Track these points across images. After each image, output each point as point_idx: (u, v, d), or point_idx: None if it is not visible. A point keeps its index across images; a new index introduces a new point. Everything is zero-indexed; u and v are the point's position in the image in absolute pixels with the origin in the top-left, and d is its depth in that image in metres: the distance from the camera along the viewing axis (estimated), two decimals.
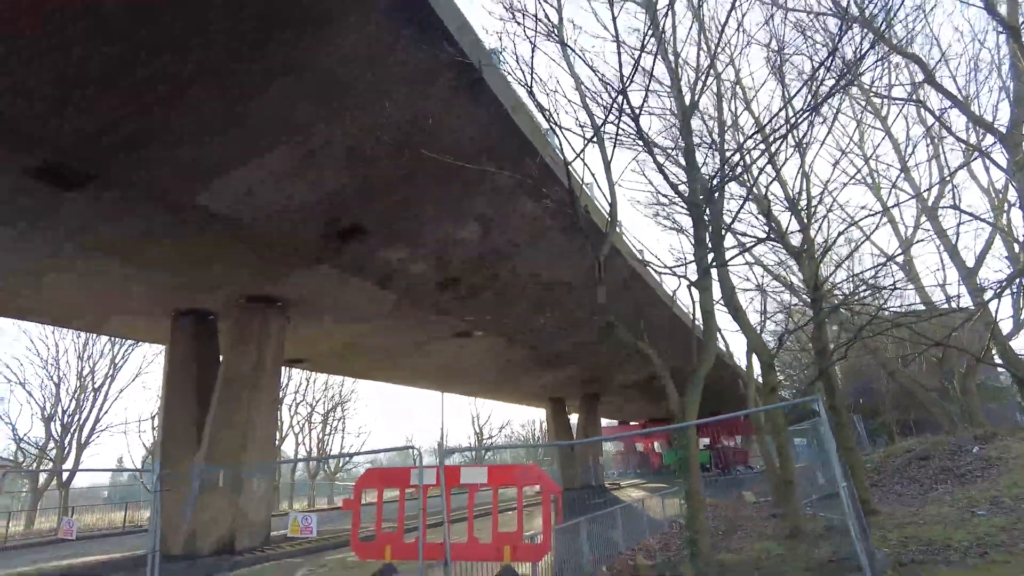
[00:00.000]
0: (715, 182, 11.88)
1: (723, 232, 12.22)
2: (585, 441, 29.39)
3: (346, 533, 18.04)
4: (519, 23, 9.98)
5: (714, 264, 11.17)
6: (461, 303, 18.33)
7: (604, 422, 50.29)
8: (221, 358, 17.13)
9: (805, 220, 15.03)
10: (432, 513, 6.12)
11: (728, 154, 13.53)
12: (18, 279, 14.07)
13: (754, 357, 20.52)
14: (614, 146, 11.83)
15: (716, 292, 12.85)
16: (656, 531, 14.61)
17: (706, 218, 11.58)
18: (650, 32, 10.76)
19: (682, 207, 14.86)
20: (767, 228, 15.84)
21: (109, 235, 12.25)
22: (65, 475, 29.80)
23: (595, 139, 11.08)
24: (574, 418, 42.02)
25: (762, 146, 12.49)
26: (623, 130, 11.44)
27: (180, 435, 16.35)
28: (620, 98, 10.10)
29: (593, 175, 11.70)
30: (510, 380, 32.64)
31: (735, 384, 23.45)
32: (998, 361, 19.33)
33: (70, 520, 7.73)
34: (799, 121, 11.32)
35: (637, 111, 10.57)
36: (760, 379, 20.28)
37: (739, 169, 13.35)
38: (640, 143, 11.35)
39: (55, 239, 12.20)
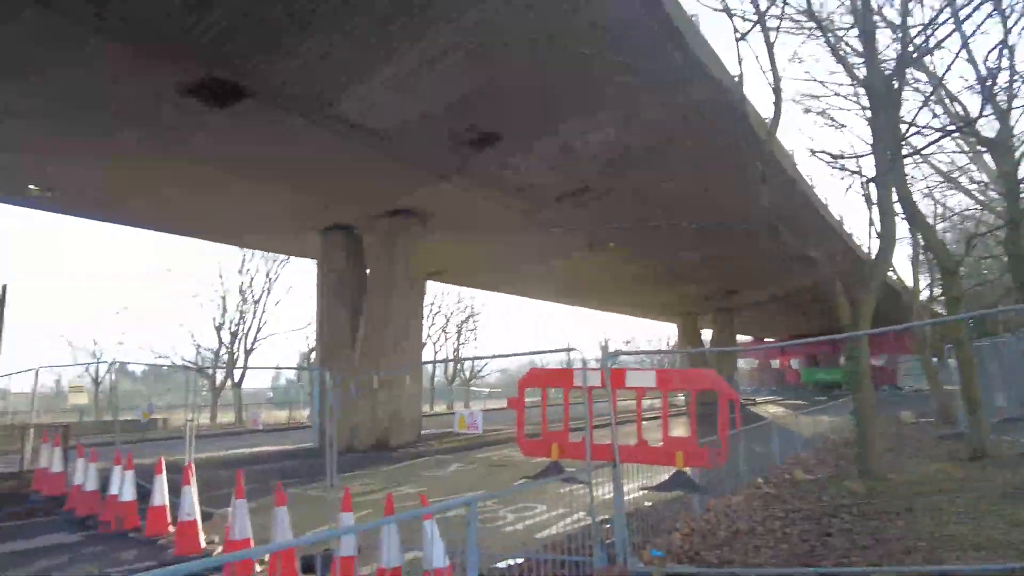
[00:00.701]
0: (897, 64, 10.29)
1: (912, 118, 10.65)
2: (720, 350, 28.53)
3: (489, 434, 18.92)
4: None
5: (899, 156, 9.80)
6: (591, 213, 17.78)
7: (738, 338, 48.57)
8: (368, 270, 17.94)
9: (1004, 105, 12.80)
10: (596, 415, 5.97)
11: (913, 33, 11.64)
12: (173, 195, 15.22)
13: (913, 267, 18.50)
14: (777, 30, 10.51)
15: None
16: (808, 447, 13.96)
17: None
18: None
19: (847, 99, 13.21)
20: (952, 118, 13.72)
21: (257, 152, 12.82)
22: (238, 375, 33.50)
23: (758, 22, 9.86)
24: (706, 334, 40.86)
25: (952, 22, 10.56)
26: (788, 10, 10.10)
27: (335, 340, 17.55)
28: None
29: (757, 62, 10.44)
30: (640, 293, 32.03)
31: (885, 298, 21.40)
32: None
33: (256, 414, 8.44)
34: None
35: None
36: (929, 290, 18.33)
37: (924, 48, 11.46)
38: (811, 23, 9.97)
39: (210, 157, 12.94)
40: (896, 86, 10.31)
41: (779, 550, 6.37)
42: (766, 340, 59.12)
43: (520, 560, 6.25)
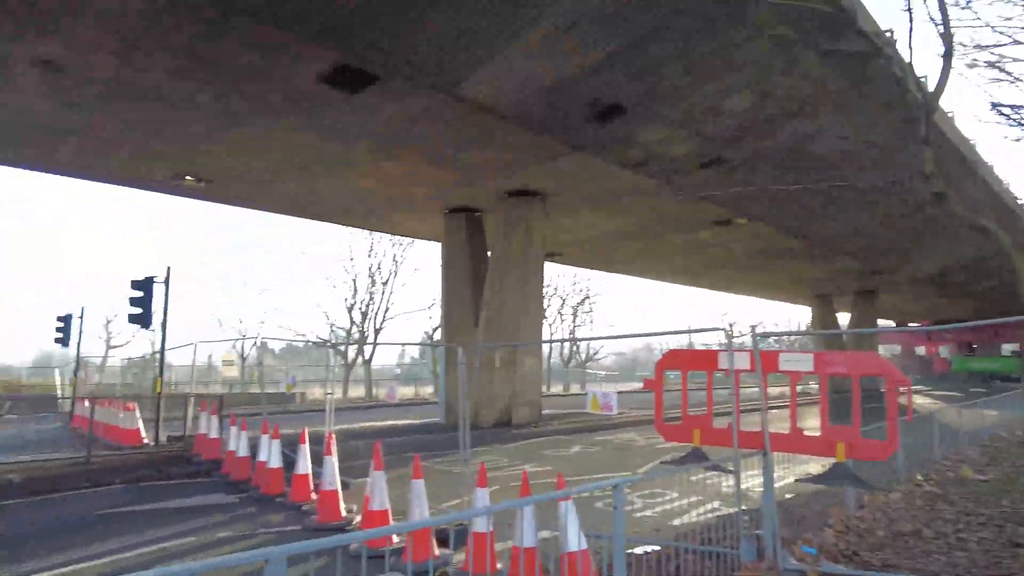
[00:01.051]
0: None
1: None
2: (860, 331, 26.49)
3: (610, 418, 18.61)
4: None
5: None
6: (723, 186, 16.79)
7: (879, 323, 44.84)
8: (489, 252, 18.11)
9: None
10: (742, 400, 5.52)
11: None
12: (319, 181, 15.99)
13: None
14: None
15: None
16: (973, 443, 12.51)
17: None
18: None
19: None
20: None
21: (387, 135, 13.14)
22: (367, 352, 35.30)
23: None
24: (843, 318, 37.94)
25: None
26: None
27: (458, 319, 17.91)
28: None
29: (925, 6, 9.22)
30: (771, 273, 30.19)
31: None
32: None
33: (393, 388, 8.76)
34: None
35: None
36: None
37: None
38: None
39: (344, 140, 13.43)
40: None
41: (954, 558, 5.66)
42: (909, 326, 54.16)
43: (657, 548, 5.98)
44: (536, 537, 5.01)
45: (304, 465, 8.08)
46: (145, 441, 12.76)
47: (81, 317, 19.35)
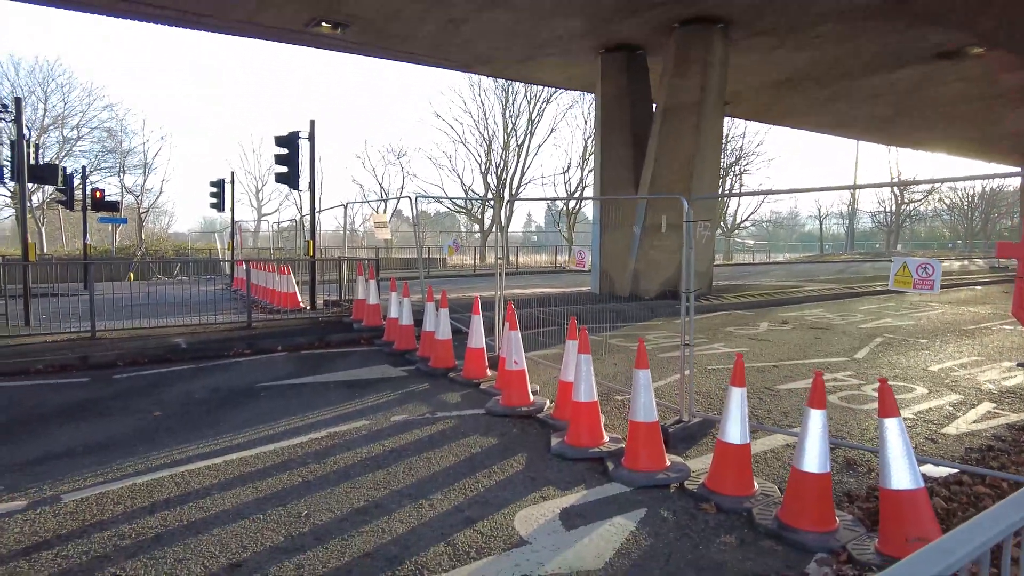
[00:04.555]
0: None
1: None
2: None
3: (785, 292, 16.39)
4: None
5: None
6: (967, 4, 12.93)
7: None
8: (654, 101, 15.62)
9: None
10: None
11: None
12: (450, 18, 13.99)
13: None
14: None
15: None
16: None
17: None
18: None
19: None
20: None
21: None
22: (503, 218, 34.44)
23: None
24: None
25: None
26: None
27: (615, 178, 15.95)
28: None
29: None
30: (984, 122, 24.91)
31: None
32: None
33: (582, 253, 7.30)
34: None
35: None
36: None
37: None
38: None
39: None
40: None
41: None
42: None
43: (954, 470, 4.32)
44: (828, 462, 3.52)
45: (478, 338, 7.01)
46: (302, 305, 12.52)
47: (232, 182, 19.46)
